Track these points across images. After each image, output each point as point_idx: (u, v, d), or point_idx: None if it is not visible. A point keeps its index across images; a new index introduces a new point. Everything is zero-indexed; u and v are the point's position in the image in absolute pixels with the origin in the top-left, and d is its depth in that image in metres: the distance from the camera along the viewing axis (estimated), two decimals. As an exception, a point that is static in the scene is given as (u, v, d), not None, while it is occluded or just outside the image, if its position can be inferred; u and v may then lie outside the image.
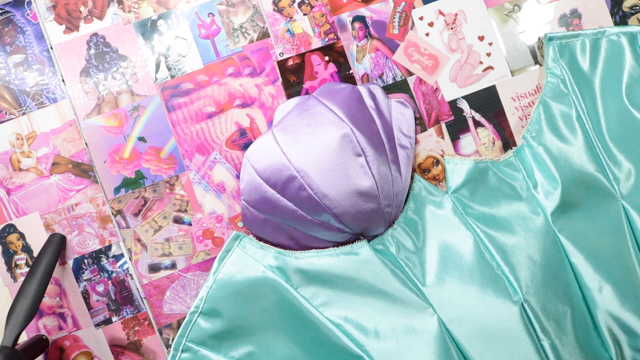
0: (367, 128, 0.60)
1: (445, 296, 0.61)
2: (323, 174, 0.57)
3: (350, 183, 0.57)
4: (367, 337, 0.61)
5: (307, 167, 0.57)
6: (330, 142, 0.58)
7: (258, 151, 0.60)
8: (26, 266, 0.64)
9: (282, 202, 0.59)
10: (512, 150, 0.64)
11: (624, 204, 0.61)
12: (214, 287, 0.61)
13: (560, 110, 0.63)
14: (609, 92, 0.63)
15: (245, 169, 0.61)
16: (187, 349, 0.60)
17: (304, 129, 0.59)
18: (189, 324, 0.61)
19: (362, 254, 0.62)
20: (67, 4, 0.66)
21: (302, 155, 0.57)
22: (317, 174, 0.57)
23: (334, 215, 0.58)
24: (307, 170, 0.57)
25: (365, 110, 0.62)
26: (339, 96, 0.62)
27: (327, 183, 0.57)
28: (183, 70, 0.66)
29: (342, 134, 0.58)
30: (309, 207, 0.58)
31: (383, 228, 0.62)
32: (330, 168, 0.57)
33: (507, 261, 0.60)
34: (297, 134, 0.59)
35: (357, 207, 0.58)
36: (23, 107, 0.65)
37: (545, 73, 0.65)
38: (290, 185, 0.58)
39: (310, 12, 0.67)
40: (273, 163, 0.58)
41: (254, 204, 0.61)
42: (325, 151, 0.57)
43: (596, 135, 0.62)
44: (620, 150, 0.62)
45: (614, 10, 0.69)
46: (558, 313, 0.59)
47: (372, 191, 0.58)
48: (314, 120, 0.60)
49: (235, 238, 0.63)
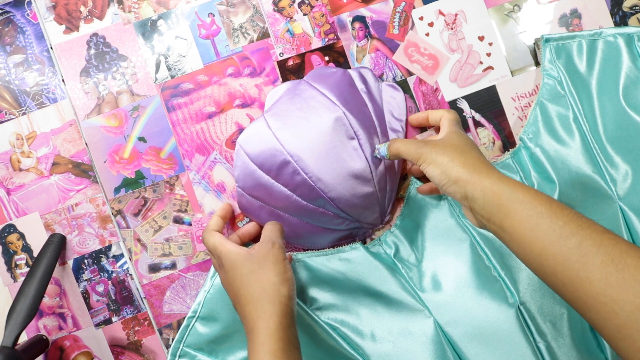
0: (359, 111, 0.60)
1: (442, 299, 0.61)
2: (317, 158, 0.57)
3: (344, 166, 0.57)
4: (364, 340, 0.61)
5: (300, 152, 0.57)
6: (323, 125, 0.58)
7: (250, 137, 0.60)
8: (26, 266, 0.64)
9: (276, 188, 0.59)
10: (509, 152, 0.65)
11: (621, 205, 0.61)
12: (211, 291, 0.61)
13: (557, 112, 0.63)
14: (606, 93, 0.63)
15: (238, 156, 0.61)
16: (184, 354, 0.60)
17: (296, 114, 0.59)
18: (186, 328, 0.61)
19: (357, 257, 0.62)
20: (67, 4, 0.66)
21: (295, 140, 0.57)
22: (310, 158, 0.57)
23: (329, 199, 0.58)
24: (301, 155, 0.57)
25: (356, 94, 0.62)
26: (330, 80, 0.62)
27: (321, 167, 0.57)
28: (183, 71, 0.66)
29: (334, 118, 0.58)
30: (303, 191, 0.58)
31: (377, 213, 0.62)
32: (323, 152, 0.57)
33: (504, 263, 0.60)
34: (290, 118, 0.59)
35: (352, 191, 0.58)
36: (23, 107, 0.65)
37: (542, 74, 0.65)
38: (284, 170, 0.58)
39: (310, 12, 0.67)
40: (266, 148, 0.58)
41: (249, 190, 0.61)
42: (319, 135, 0.57)
43: (593, 136, 0.62)
44: (618, 151, 0.62)
45: (614, 11, 0.69)
46: (554, 315, 0.59)
47: (365, 174, 0.58)
48: (306, 104, 0.59)
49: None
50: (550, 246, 0.42)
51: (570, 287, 0.40)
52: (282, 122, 0.59)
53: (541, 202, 0.44)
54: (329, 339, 0.60)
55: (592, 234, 0.41)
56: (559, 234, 0.41)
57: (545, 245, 0.42)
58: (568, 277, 0.40)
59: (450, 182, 0.49)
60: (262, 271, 0.50)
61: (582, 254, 0.40)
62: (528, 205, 0.44)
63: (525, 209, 0.44)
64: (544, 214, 0.43)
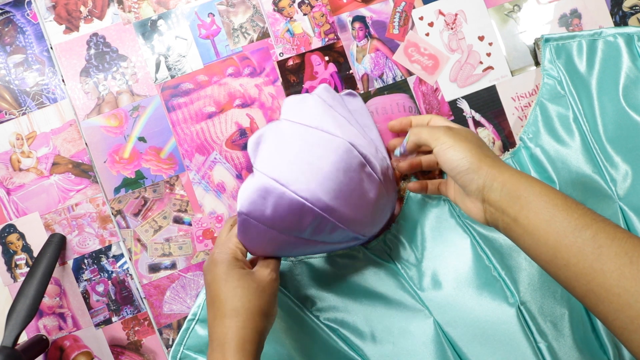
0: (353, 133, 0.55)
1: (442, 299, 0.61)
2: (347, 204, 0.51)
3: (368, 198, 0.53)
4: (364, 341, 0.61)
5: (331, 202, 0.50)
6: (336, 165, 0.51)
7: (257, 201, 0.50)
8: (26, 266, 0.64)
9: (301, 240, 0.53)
10: (509, 152, 0.64)
11: (621, 205, 0.61)
12: None
13: (557, 112, 0.63)
14: (606, 93, 0.63)
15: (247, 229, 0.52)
16: (185, 356, 0.60)
17: (301, 158, 0.51)
18: (186, 331, 0.61)
19: (358, 258, 0.62)
20: (67, 4, 0.66)
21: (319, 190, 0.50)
22: (342, 206, 0.51)
23: (362, 235, 0.55)
24: (332, 205, 0.50)
25: (336, 114, 0.57)
26: (306, 110, 0.56)
27: (353, 209, 0.52)
28: (183, 70, 0.66)
29: (343, 151, 0.51)
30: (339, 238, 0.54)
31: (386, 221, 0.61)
32: (348, 193, 0.51)
33: (504, 263, 0.60)
34: (298, 165, 0.50)
35: (376, 216, 0.56)
36: (23, 107, 0.65)
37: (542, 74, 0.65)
38: (320, 227, 0.51)
39: (310, 12, 0.67)
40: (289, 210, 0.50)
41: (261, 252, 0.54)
42: (337, 176, 0.50)
43: (593, 136, 0.62)
44: (618, 151, 0.62)
45: (614, 10, 0.69)
46: (555, 315, 0.59)
47: (381, 194, 0.55)
48: (305, 145, 0.52)
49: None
50: (565, 237, 0.42)
51: (583, 278, 0.41)
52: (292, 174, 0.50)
53: (557, 195, 0.45)
54: (329, 341, 0.60)
55: (606, 227, 0.41)
56: (574, 225, 0.42)
57: (560, 236, 0.42)
58: (582, 268, 0.41)
59: (470, 170, 0.49)
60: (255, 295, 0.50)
61: (597, 246, 0.40)
62: (545, 198, 0.45)
63: (542, 201, 0.44)
64: (560, 206, 0.44)
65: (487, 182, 0.48)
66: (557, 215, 0.43)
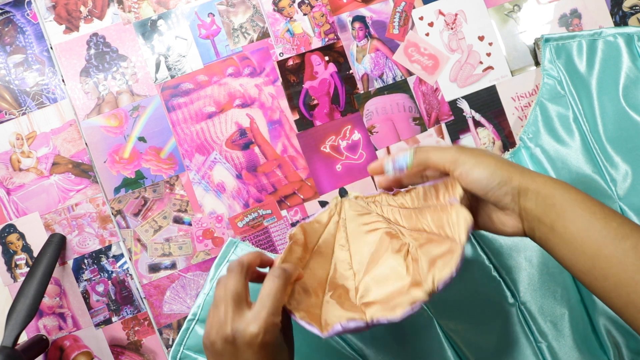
0: None
1: (441, 299, 0.61)
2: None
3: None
4: (364, 341, 0.61)
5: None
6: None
7: None
8: (26, 266, 0.64)
9: None
10: (509, 152, 0.65)
11: (621, 205, 0.61)
12: (210, 294, 0.61)
13: (557, 112, 0.63)
14: (606, 93, 0.63)
15: None
16: (185, 356, 0.60)
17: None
18: (186, 331, 0.61)
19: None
20: (67, 4, 0.66)
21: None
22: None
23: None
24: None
25: None
26: None
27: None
28: (183, 70, 0.66)
29: None
30: None
31: None
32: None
33: (504, 263, 0.60)
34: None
35: None
36: (23, 107, 0.65)
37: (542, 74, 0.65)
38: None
39: (310, 12, 0.67)
40: None
41: None
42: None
43: (593, 136, 0.62)
44: (617, 151, 0.62)
45: (614, 10, 0.69)
46: (555, 315, 0.59)
47: None
48: None
49: (231, 244, 0.63)
50: (605, 247, 0.40)
51: (622, 290, 0.39)
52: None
53: (593, 202, 0.43)
54: (329, 341, 0.60)
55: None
56: (614, 235, 0.40)
57: (600, 246, 0.40)
58: (622, 279, 0.39)
59: (502, 183, 0.45)
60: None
61: (639, 257, 0.39)
62: (582, 205, 0.42)
63: (579, 209, 0.42)
64: (598, 214, 0.42)
65: (521, 191, 0.45)
66: (595, 224, 0.41)
